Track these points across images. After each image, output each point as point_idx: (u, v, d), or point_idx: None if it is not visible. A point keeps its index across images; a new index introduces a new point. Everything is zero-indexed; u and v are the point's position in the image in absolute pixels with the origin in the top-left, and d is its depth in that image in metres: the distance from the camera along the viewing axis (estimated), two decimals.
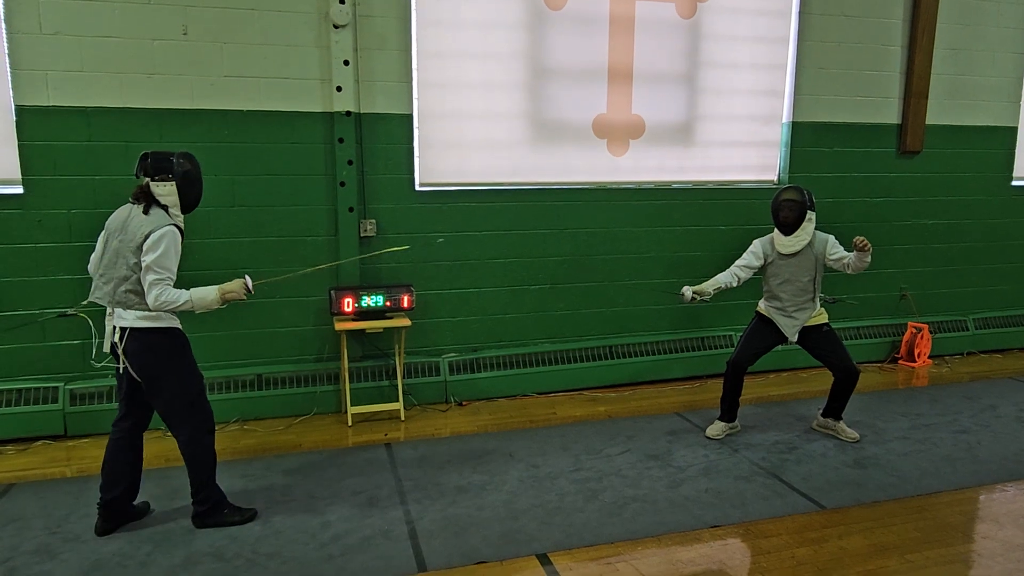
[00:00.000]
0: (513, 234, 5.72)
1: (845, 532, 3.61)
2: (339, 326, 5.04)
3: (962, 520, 3.75)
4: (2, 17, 4.52)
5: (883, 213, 6.70)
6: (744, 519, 3.74)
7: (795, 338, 4.71)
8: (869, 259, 4.47)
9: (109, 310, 3.44)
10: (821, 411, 4.95)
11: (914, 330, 6.64)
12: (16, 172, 4.69)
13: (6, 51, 4.55)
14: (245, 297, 3.54)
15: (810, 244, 4.60)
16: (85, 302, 3.58)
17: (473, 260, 5.65)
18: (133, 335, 3.37)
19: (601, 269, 6.00)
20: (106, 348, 3.51)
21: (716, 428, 4.86)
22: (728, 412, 4.86)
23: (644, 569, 3.28)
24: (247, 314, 5.18)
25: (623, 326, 6.10)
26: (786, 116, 6.32)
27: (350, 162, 5.20)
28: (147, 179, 3.40)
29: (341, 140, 5.16)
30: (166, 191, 3.39)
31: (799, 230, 4.56)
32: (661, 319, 6.21)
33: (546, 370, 5.80)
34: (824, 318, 4.76)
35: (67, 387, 4.86)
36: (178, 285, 3.41)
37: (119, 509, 3.59)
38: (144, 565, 3.30)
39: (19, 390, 4.79)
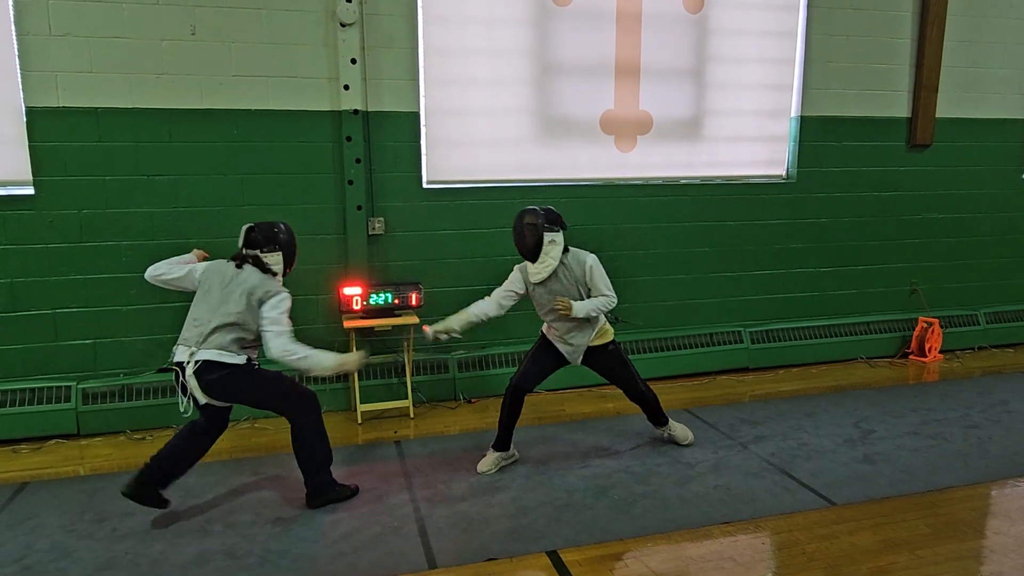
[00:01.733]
0: None
1: (855, 528, 3.60)
2: (348, 324, 5.06)
3: (973, 516, 3.73)
4: (12, 19, 4.54)
5: (893, 207, 6.66)
6: (754, 515, 3.74)
7: (579, 362, 4.33)
8: (575, 316, 4.09)
9: (192, 349, 3.56)
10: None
11: (924, 325, 6.61)
12: (27, 173, 4.73)
13: (16, 53, 4.58)
14: (357, 368, 3.90)
15: (564, 267, 4.14)
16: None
17: (481, 257, 5.65)
18: (214, 368, 3.53)
19: (609, 265, 5.90)
20: (186, 402, 3.62)
21: (487, 461, 4.29)
22: (503, 439, 4.30)
23: (654, 566, 3.29)
24: None
25: (631, 322, 6.09)
26: (794, 110, 6.29)
27: (358, 160, 5.22)
28: (255, 252, 3.71)
29: (349, 138, 5.18)
30: (275, 260, 3.74)
31: (542, 255, 4.10)
32: (670, 315, 6.19)
33: None
34: (608, 337, 4.33)
35: (79, 386, 4.90)
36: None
37: (149, 478, 3.65)
38: (156, 563, 3.33)
39: (32, 389, 4.84)
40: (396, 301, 5.16)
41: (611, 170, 5.92)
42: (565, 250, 4.19)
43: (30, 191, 4.76)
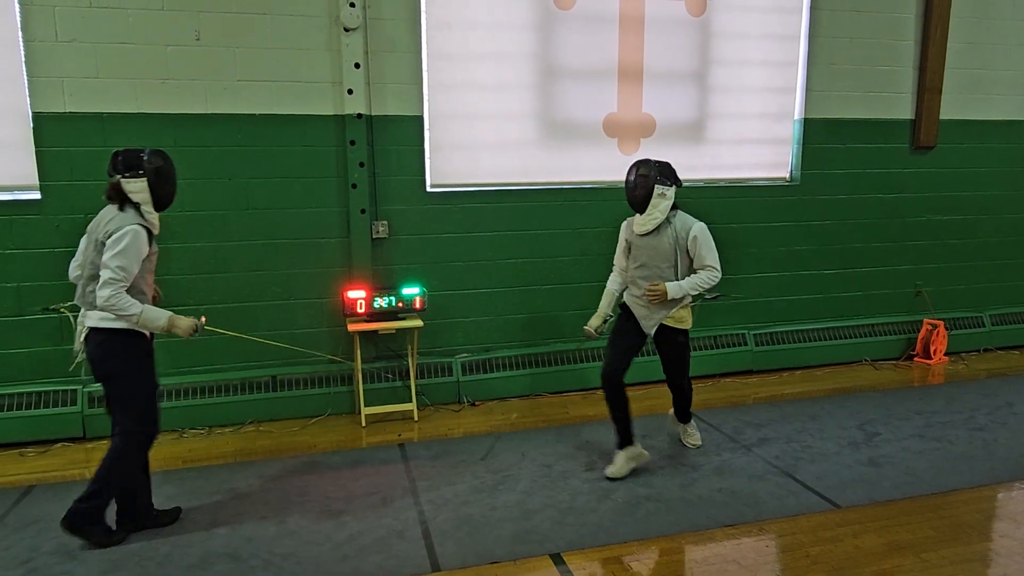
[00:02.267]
0: (524, 234, 5.73)
1: (860, 531, 3.59)
2: (352, 327, 5.08)
3: (979, 518, 3.72)
4: (19, 25, 4.58)
5: (897, 209, 6.64)
6: (758, 518, 3.74)
7: (651, 332, 4.20)
8: (670, 302, 4.09)
9: (82, 310, 3.42)
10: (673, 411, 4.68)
11: (930, 327, 6.59)
12: (34, 178, 4.76)
13: (23, 59, 4.62)
14: (189, 336, 3.49)
15: (668, 224, 4.09)
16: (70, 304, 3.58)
17: (484, 260, 5.67)
18: (94, 335, 3.35)
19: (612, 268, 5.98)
20: (77, 347, 3.48)
21: (617, 464, 4.19)
22: (623, 436, 4.19)
23: (657, 569, 3.28)
24: (262, 316, 5.23)
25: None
26: (798, 113, 6.29)
27: (361, 164, 5.24)
28: (119, 176, 3.34)
29: (353, 142, 5.20)
30: (138, 187, 3.33)
31: (650, 207, 4.05)
32: None
33: (558, 370, 5.80)
34: (686, 324, 4.25)
35: (85, 390, 4.92)
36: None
37: (127, 511, 3.60)
38: (162, 565, 3.34)
39: (39, 393, 4.87)
40: (400, 304, 5.18)
41: (614, 173, 5.93)
42: (675, 208, 4.14)
43: (37, 196, 4.79)
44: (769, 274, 6.38)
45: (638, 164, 4.09)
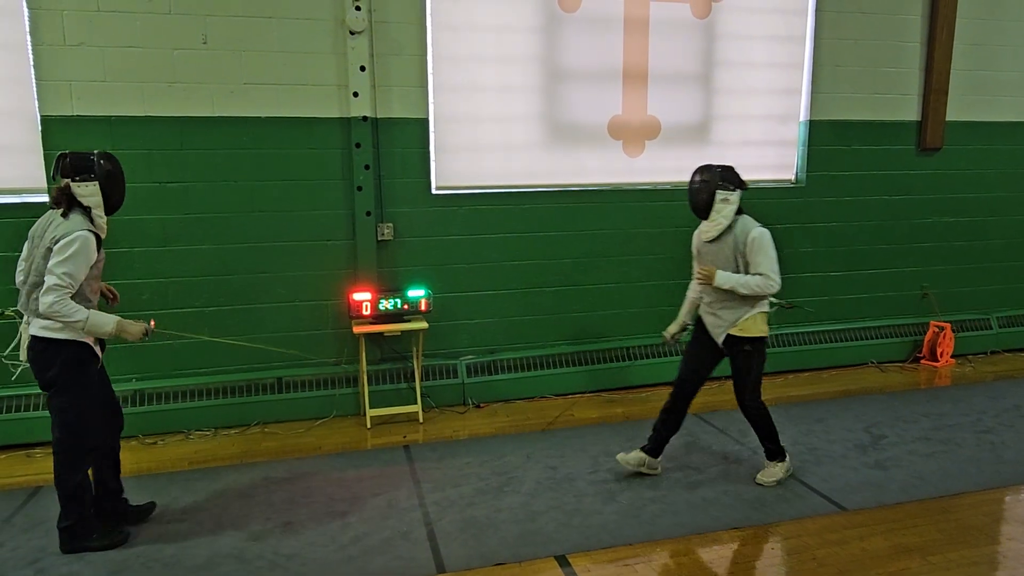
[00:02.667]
0: (529, 236, 5.74)
1: (866, 534, 3.58)
2: (357, 329, 5.09)
3: (986, 521, 3.70)
4: (27, 30, 4.61)
5: (903, 211, 6.63)
6: (764, 521, 3.73)
7: (720, 340, 4.04)
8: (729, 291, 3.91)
9: (26, 318, 3.33)
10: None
11: (936, 329, 6.57)
12: (42, 181, 4.79)
13: (31, 63, 4.65)
14: (139, 340, 3.42)
15: (730, 230, 3.95)
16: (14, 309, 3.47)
17: (490, 262, 5.67)
18: (36, 343, 3.28)
19: (618, 270, 6.00)
20: (23, 356, 3.39)
21: (631, 457, 4.23)
22: (655, 444, 4.24)
23: (663, 571, 3.28)
24: (268, 318, 5.24)
25: (640, 327, 6.09)
26: (803, 115, 6.28)
27: (367, 167, 5.25)
28: (66, 180, 3.24)
29: (358, 145, 5.21)
30: (88, 191, 3.24)
31: (713, 212, 3.95)
32: None
33: (563, 372, 5.80)
34: (756, 332, 3.98)
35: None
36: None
37: (103, 511, 3.60)
38: (168, 566, 3.35)
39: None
40: (405, 307, 5.19)
41: (619, 175, 5.93)
42: (739, 212, 4.00)
43: (45, 198, 4.81)
44: None
45: (699, 169, 4.00)
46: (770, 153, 6.28)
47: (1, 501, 4.00)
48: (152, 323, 3.50)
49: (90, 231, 3.23)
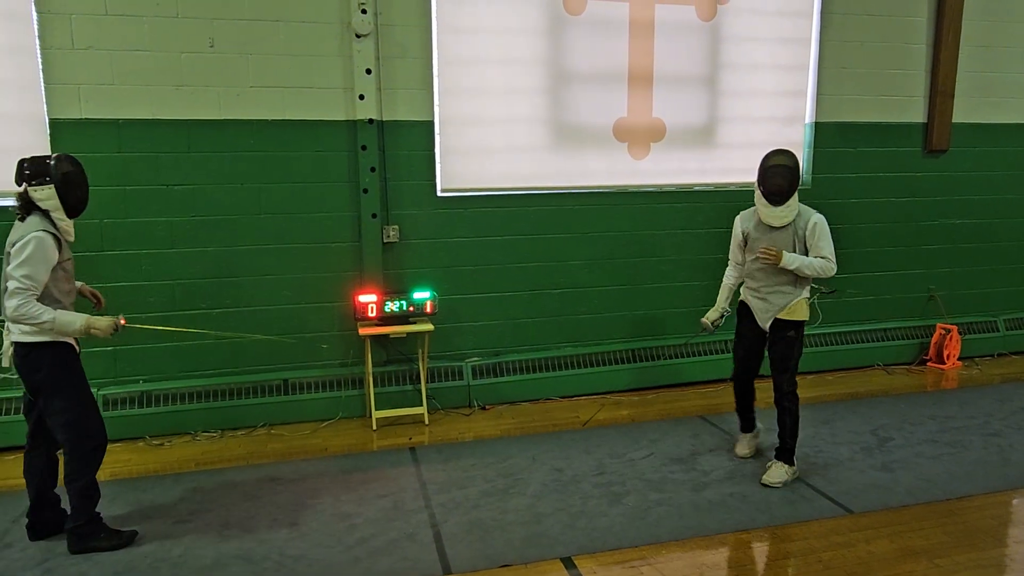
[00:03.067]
0: (535, 238, 5.75)
1: (873, 536, 3.57)
2: (363, 331, 5.10)
3: (993, 524, 3.69)
4: (36, 33, 4.65)
5: (909, 213, 6.61)
6: (770, 523, 3.72)
7: (767, 326, 4.15)
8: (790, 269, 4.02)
9: (7, 325, 3.33)
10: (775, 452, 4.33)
11: (943, 331, 6.54)
12: None
13: (40, 66, 4.68)
14: (110, 336, 3.40)
15: (795, 219, 4.08)
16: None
17: (495, 264, 5.68)
18: (19, 349, 3.30)
19: (623, 272, 6.00)
20: (5, 363, 3.43)
21: (743, 444, 4.58)
22: (748, 422, 4.57)
23: (669, 573, 3.28)
24: (274, 320, 5.26)
25: (645, 329, 6.09)
26: (809, 117, 6.27)
27: (373, 169, 5.27)
28: (25, 185, 3.26)
29: (364, 147, 5.23)
30: (45, 195, 3.24)
31: (790, 200, 4.02)
32: (683, 322, 6.17)
33: (568, 374, 5.80)
34: (801, 316, 4.12)
35: (100, 392, 4.96)
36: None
37: (40, 521, 3.60)
38: (175, 566, 3.37)
39: None
40: (411, 308, 5.20)
41: (624, 177, 5.94)
42: None
43: None
44: None
45: (782, 153, 4.03)
46: None
47: (10, 502, 4.02)
48: (122, 319, 3.47)
49: (45, 231, 3.23)
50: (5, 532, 3.70)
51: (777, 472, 4.18)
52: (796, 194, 4.05)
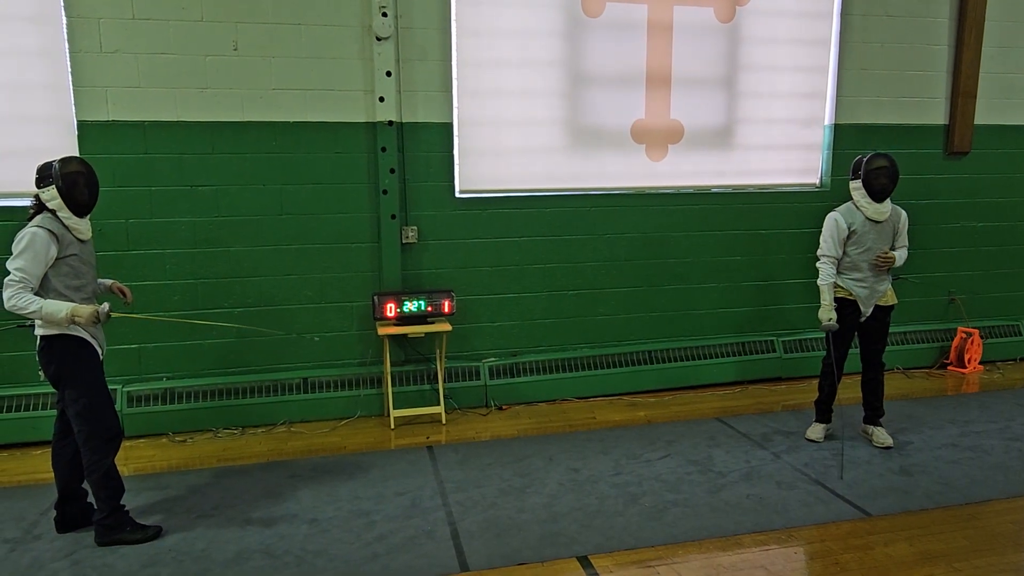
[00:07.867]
0: (552, 239, 5.77)
1: (891, 539, 3.56)
2: (382, 331, 5.16)
3: (1013, 529, 3.66)
4: (65, 37, 4.75)
5: (930, 216, 6.55)
6: (787, 525, 3.72)
7: (869, 311, 4.67)
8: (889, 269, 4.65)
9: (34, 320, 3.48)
10: (863, 417, 4.92)
11: (964, 335, 6.48)
12: None
13: (69, 69, 4.79)
14: (93, 325, 3.47)
15: (891, 212, 4.65)
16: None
17: (512, 265, 5.72)
18: (40, 343, 3.47)
19: (640, 274, 6.01)
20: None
21: (816, 430, 4.91)
22: (825, 413, 4.93)
23: (685, 573, 3.29)
24: (295, 319, 5.33)
25: (662, 331, 6.10)
26: (828, 118, 6.24)
27: (392, 170, 5.32)
28: (37, 190, 3.46)
29: (384, 149, 5.29)
30: (49, 196, 3.42)
31: (889, 196, 4.57)
32: (701, 324, 6.18)
33: (585, 375, 5.82)
34: (894, 300, 4.77)
35: (124, 389, 5.06)
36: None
37: (67, 513, 3.69)
38: (199, 560, 3.43)
39: None
40: (429, 308, 5.25)
41: (642, 179, 5.95)
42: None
43: None
44: (798, 280, 6.33)
45: (882, 156, 4.51)
46: (794, 157, 6.26)
47: (40, 495, 4.11)
48: (107, 307, 3.53)
49: (40, 227, 3.36)
50: (34, 524, 3.79)
51: (884, 432, 4.77)
52: None
